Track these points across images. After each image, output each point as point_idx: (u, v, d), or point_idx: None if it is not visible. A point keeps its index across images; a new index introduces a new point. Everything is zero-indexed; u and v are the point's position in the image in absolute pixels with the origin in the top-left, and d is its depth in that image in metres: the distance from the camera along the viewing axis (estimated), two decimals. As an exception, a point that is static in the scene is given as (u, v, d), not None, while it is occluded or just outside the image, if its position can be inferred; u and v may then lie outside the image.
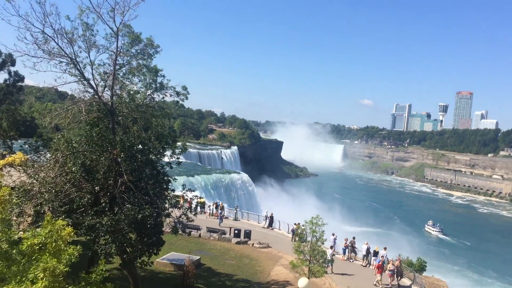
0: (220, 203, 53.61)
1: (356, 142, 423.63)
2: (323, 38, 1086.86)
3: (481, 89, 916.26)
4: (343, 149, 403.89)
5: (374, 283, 30.84)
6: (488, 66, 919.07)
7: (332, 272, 32.84)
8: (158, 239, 20.93)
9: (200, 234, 41.24)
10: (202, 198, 57.15)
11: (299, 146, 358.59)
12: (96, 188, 20.59)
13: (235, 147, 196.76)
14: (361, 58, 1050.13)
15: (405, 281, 31.81)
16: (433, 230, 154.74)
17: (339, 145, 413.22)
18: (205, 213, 51.56)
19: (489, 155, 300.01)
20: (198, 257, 32.73)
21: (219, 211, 48.21)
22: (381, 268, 30.67)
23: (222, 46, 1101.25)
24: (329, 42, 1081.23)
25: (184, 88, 23.05)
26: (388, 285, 30.79)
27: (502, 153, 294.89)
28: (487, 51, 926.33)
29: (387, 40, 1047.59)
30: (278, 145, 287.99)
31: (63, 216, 19.01)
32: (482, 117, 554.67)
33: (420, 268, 37.92)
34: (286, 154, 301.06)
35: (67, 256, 13.00)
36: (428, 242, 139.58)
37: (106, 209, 19.81)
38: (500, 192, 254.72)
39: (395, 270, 30.89)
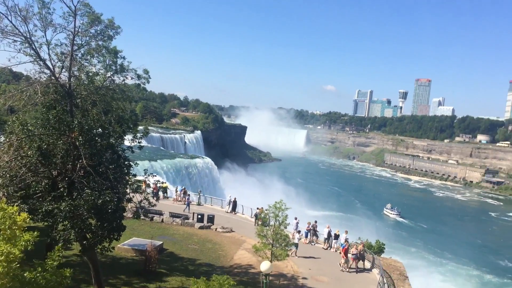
0: (183, 188, 53.32)
1: (319, 127, 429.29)
2: (288, 24, 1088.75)
3: (439, 77, 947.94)
4: (306, 134, 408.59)
5: (341, 268, 31.46)
6: (445, 54, 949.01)
7: (296, 256, 33.50)
8: (119, 224, 20.54)
9: (162, 219, 40.89)
10: (165, 183, 56.50)
11: (263, 131, 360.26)
12: (54, 172, 19.94)
13: (199, 132, 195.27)
14: (325, 44, 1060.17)
15: (367, 264, 32.73)
16: (391, 213, 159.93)
17: (302, 130, 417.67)
18: (174, 199, 51.04)
19: (445, 141, 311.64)
20: (161, 242, 32.47)
21: (187, 196, 47.81)
22: (346, 252, 31.28)
23: (186, 29, 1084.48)
24: (294, 28, 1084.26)
25: (146, 71, 22.48)
26: (352, 268, 31.53)
27: (457, 139, 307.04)
28: (445, 39, 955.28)
29: (349, 27, 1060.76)
30: (242, 129, 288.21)
31: (19, 202, 18.36)
32: (440, 104, 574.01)
33: (379, 250, 39.07)
34: (250, 138, 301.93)
35: (23, 243, 12.59)
36: (387, 225, 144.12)
37: (65, 194, 19.25)
38: (455, 177, 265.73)
39: (358, 254, 31.61)
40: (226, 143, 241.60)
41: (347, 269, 31.28)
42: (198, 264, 30.07)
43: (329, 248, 37.02)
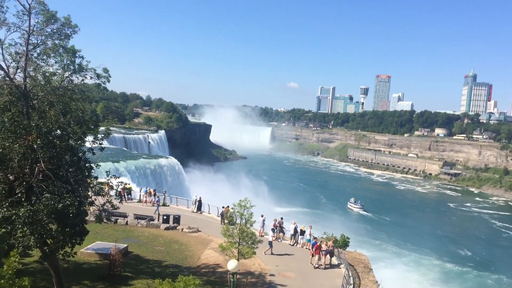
0: (148, 189, 52.55)
1: (284, 124, 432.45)
2: (250, 20, 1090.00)
3: (398, 73, 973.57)
4: (271, 132, 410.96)
5: (314, 265, 31.66)
6: (404, 50, 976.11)
7: (272, 254, 33.74)
8: (81, 228, 20.08)
9: (127, 221, 40.10)
10: (129, 184, 55.52)
11: (227, 129, 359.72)
12: (11, 177, 19.22)
13: (163, 131, 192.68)
14: (287, 41, 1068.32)
15: (334, 260, 33.14)
16: (354, 207, 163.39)
17: (267, 128, 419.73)
18: (145, 201, 50.02)
19: (405, 135, 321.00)
20: (125, 245, 31.90)
21: (156, 198, 46.89)
22: (319, 249, 31.51)
23: (147, 25, 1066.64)
24: (256, 25, 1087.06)
25: (105, 70, 21.99)
26: (326, 264, 31.81)
27: (416, 133, 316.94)
28: (403, 35, 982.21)
29: (311, 23, 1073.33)
30: (207, 128, 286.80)
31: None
32: (399, 99, 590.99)
33: (344, 244, 39.77)
34: (215, 137, 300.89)
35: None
36: (352, 219, 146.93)
37: (23, 199, 18.57)
38: (415, 169, 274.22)
39: (328, 250, 31.94)
40: (191, 142, 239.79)
41: (320, 266, 31.48)
42: (165, 265, 29.74)
43: (295, 244, 37.41)
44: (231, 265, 21.19)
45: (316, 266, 31.51)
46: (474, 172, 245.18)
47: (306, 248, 36.47)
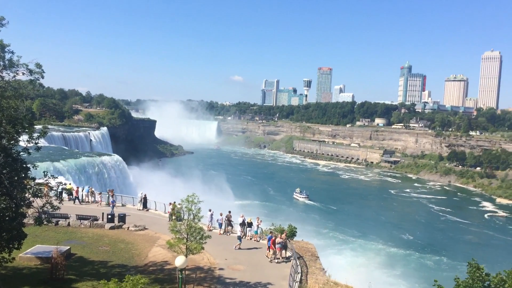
0: (89, 188, 50.73)
1: (230, 118, 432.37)
2: (191, 14, 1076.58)
3: (339, 65, 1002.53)
4: (217, 126, 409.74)
5: (271, 258, 31.82)
6: (344, 43, 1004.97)
7: (240, 248, 33.76)
8: (19, 232, 19.12)
9: (69, 222, 38.60)
10: (70, 184, 53.34)
11: (173, 124, 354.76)
12: None
13: (105, 128, 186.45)
14: (231, 35, 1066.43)
15: (287, 252, 33.47)
16: (300, 197, 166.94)
17: (213, 122, 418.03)
18: (97, 202, 48.20)
19: (348, 125, 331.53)
20: (68, 247, 30.71)
21: (111, 199, 45.19)
22: (275, 243, 31.63)
23: (84, 21, 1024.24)
24: (198, 19, 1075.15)
25: (38, 65, 20.89)
26: (279, 258, 32.00)
27: (358, 123, 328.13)
28: (343, 28, 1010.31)
29: (253, 17, 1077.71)
30: (151, 124, 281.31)
31: None
32: (341, 91, 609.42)
33: (291, 234, 40.44)
34: (160, 133, 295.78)
35: None
36: (299, 209, 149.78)
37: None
38: (358, 159, 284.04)
39: (283, 242, 32.21)
40: (135, 138, 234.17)
41: (276, 260, 31.61)
42: (111, 266, 28.95)
43: (244, 237, 37.65)
44: (179, 261, 21.00)
45: (273, 259, 31.60)
46: (412, 159, 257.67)
47: (255, 240, 36.84)
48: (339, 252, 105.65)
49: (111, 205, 43.91)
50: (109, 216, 39.90)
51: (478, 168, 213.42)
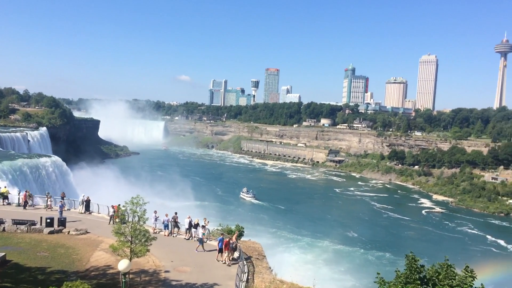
0: (26, 191, 48.16)
1: (177, 118, 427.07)
2: (136, 13, 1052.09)
3: (286, 66, 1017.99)
4: (164, 126, 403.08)
5: (223, 261, 31.39)
6: (291, 44, 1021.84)
7: (204, 250, 33.23)
8: None
9: (4, 228, 36.46)
10: (5, 187, 50.46)
11: (118, 125, 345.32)
12: None
13: (44, 128, 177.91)
14: (177, 34, 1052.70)
15: (236, 253, 33.35)
16: (247, 197, 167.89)
17: (160, 122, 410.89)
18: (49, 206, 45.55)
19: (295, 125, 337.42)
20: (3, 253, 28.98)
21: (59, 204, 42.78)
22: (228, 245, 31.30)
23: (17, 11, 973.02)
24: (143, 17, 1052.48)
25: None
26: (234, 260, 31.63)
27: (304, 123, 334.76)
28: (290, 30, 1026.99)
29: (201, 17, 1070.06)
30: (94, 124, 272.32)
31: None
32: (288, 91, 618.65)
33: (239, 234, 40.62)
34: (104, 133, 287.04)
35: None
36: (247, 209, 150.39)
37: None
38: (304, 158, 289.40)
39: (234, 244, 31.95)
40: (77, 139, 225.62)
41: (229, 262, 31.25)
42: (49, 272, 27.61)
43: (190, 238, 37.28)
44: (122, 265, 20.45)
45: (229, 262, 31.13)
46: (356, 158, 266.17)
47: (196, 240, 36.53)
48: (287, 250, 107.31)
49: (59, 210, 41.87)
50: (48, 220, 38.03)
51: (416, 167, 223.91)
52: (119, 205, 38.78)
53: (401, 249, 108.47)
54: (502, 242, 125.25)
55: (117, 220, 36.69)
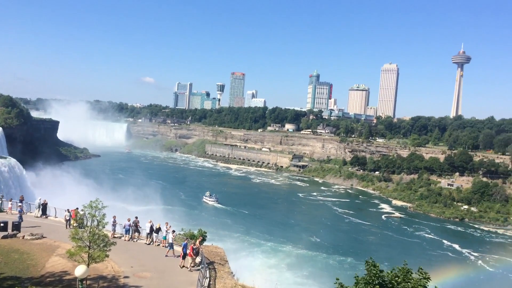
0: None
1: (140, 120, 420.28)
2: (101, 13, 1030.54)
3: (252, 71, 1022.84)
4: (127, 128, 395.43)
5: (188, 267, 30.88)
6: (257, 49, 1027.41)
7: (174, 256, 32.47)
8: None
9: (-48, 233, 34.67)
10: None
11: (78, 126, 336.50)
12: None
13: (0, 129, 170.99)
14: (141, 36, 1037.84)
15: (197, 259, 32.94)
16: (210, 201, 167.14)
17: (123, 124, 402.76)
18: (9, 208, 43.41)
19: (259, 130, 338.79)
20: (-50, 260, 27.54)
21: (18, 209, 40.74)
22: (193, 250, 30.76)
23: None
24: (105, 16, 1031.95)
25: None
26: (194, 266, 31.15)
27: (269, 128, 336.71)
28: (256, 35, 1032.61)
29: (166, 19, 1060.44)
30: (53, 125, 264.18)
31: None
32: (253, 96, 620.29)
33: (202, 239, 40.26)
34: (64, 134, 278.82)
35: None
36: (212, 214, 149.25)
37: None
38: (268, 163, 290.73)
39: (197, 249, 31.46)
40: (35, 140, 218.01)
41: (194, 267, 30.84)
42: (2, 278, 26.46)
43: (151, 243, 36.66)
44: (79, 271, 19.87)
45: (193, 268, 30.72)
46: (319, 163, 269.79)
47: (163, 246, 36.01)
48: (251, 254, 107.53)
49: (18, 214, 40.12)
50: (1, 225, 36.42)
51: (377, 172, 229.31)
52: (77, 209, 37.76)
53: (362, 254, 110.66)
54: (457, 247, 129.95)
55: (74, 224, 35.67)
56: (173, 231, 35.11)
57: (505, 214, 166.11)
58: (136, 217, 39.09)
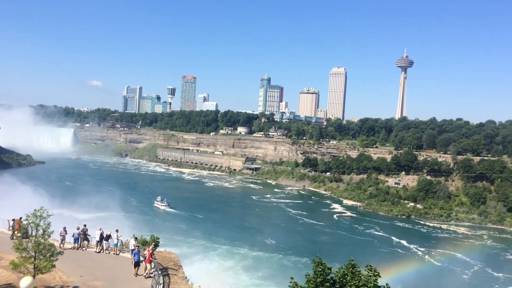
0: None
1: (88, 125, 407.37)
2: (42, 11, 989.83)
3: (203, 74, 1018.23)
4: (74, 133, 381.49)
5: (145, 275, 30.09)
6: (208, 53, 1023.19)
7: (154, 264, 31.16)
8: None
9: None
10: None
11: (21, 132, 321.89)
12: None
13: None
14: (87, 38, 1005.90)
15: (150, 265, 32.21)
16: (161, 205, 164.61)
17: (69, 129, 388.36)
18: None
19: (212, 133, 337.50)
20: None
21: None
22: (149, 258, 30.00)
23: None
24: (49, 16, 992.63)
25: None
26: (151, 272, 30.35)
27: (221, 131, 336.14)
28: (205, 38, 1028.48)
29: (112, 21, 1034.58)
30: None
31: None
32: (205, 99, 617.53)
33: (155, 244, 39.49)
34: (5, 141, 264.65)
35: None
36: (166, 220, 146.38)
37: None
38: (221, 166, 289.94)
39: (151, 256, 30.68)
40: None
41: (147, 274, 30.08)
42: None
43: (102, 251, 35.54)
44: (24, 283, 18.97)
45: (146, 275, 29.92)
46: (271, 166, 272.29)
47: (114, 254, 35.04)
48: (207, 258, 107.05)
49: None
50: None
51: (328, 173, 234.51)
52: (21, 218, 35.96)
53: (316, 254, 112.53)
54: (405, 243, 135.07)
55: (18, 234, 33.97)
56: (135, 238, 34.48)
57: (448, 210, 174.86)
58: (85, 225, 37.81)
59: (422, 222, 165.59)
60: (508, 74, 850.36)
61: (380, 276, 19.32)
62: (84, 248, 36.19)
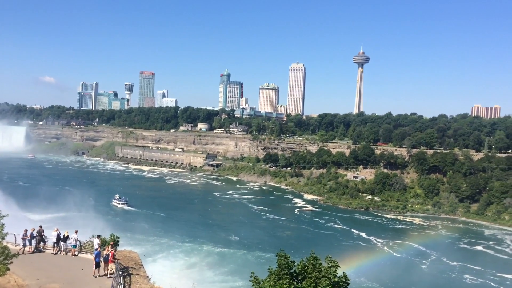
0: None
1: (41, 123, 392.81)
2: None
3: (162, 70, 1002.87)
4: (26, 131, 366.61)
5: (107, 275, 29.32)
6: (166, 48, 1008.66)
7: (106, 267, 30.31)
8: None
9: None
10: None
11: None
12: None
13: None
14: (38, 31, 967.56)
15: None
16: (119, 204, 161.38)
17: (21, 127, 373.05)
18: None
19: (172, 130, 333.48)
20: None
21: None
22: (111, 258, 29.23)
23: None
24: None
25: None
26: (112, 272, 29.64)
27: (181, 128, 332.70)
28: (165, 33, 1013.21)
29: (65, 15, 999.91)
30: None
31: None
32: (164, 95, 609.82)
33: (114, 244, 38.70)
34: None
35: None
36: (128, 219, 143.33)
37: None
38: (182, 163, 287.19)
39: (110, 255, 30.01)
40: None
41: (109, 274, 29.38)
42: None
43: (59, 252, 34.46)
44: (-24, 288, 18.07)
45: (110, 274, 29.33)
46: (233, 162, 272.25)
47: (72, 255, 34.09)
48: (170, 256, 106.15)
49: None
50: None
51: (288, 168, 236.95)
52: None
53: (278, 249, 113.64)
54: (364, 235, 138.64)
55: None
56: (98, 236, 33.62)
57: (404, 202, 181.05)
58: (41, 226, 36.56)
59: (380, 214, 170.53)
60: (460, 71, 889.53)
61: (339, 267, 19.85)
62: (41, 250, 34.96)
